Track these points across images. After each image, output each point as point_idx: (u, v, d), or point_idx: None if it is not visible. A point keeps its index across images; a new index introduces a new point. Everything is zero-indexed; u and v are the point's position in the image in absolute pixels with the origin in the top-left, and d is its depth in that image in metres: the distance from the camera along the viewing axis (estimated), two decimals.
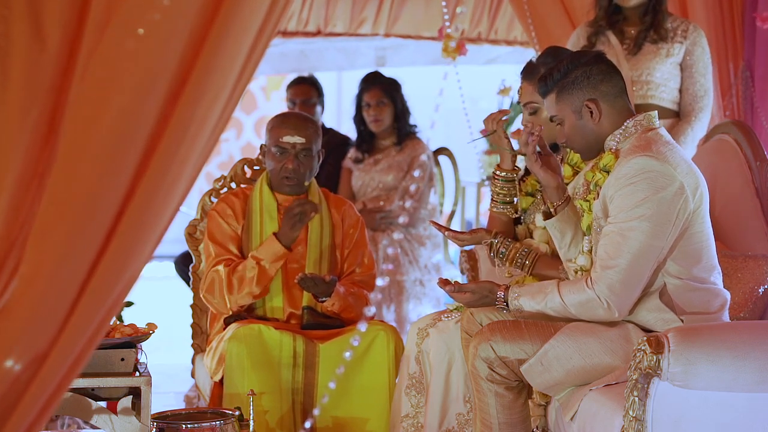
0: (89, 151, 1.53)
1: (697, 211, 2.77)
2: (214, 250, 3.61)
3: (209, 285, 3.58)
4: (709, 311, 2.80)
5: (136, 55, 1.52)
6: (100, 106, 1.54)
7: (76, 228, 1.56)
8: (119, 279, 1.64)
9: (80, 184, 1.54)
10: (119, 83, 1.54)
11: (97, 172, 1.55)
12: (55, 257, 1.56)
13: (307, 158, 3.63)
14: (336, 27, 6.16)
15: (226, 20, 1.60)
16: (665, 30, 4.11)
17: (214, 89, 1.63)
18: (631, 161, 2.73)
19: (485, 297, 2.91)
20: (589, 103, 2.84)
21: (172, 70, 1.56)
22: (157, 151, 1.60)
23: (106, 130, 1.54)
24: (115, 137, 1.55)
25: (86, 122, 1.54)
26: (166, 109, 1.58)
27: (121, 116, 1.55)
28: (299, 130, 3.61)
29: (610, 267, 2.72)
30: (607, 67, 2.86)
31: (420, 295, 5.18)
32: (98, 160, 1.55)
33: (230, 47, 1.62)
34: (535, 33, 4.88)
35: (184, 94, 1.59)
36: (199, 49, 1.58)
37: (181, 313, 4.22)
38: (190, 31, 1.55)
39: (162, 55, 1.55)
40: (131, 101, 1.55)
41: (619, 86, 2.86)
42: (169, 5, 1.51)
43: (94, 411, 2.89)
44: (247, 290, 3.51)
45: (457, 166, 5.82)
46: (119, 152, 1.56)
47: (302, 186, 3.67)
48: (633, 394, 2.51)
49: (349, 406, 3.45)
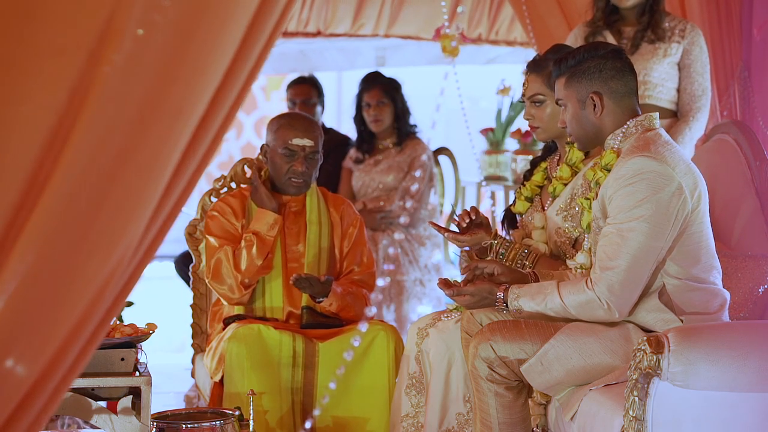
0: (92, 150, 1.53)
1: (696, 211, 2.77)
2: (217, 242, 3.62)
3: (215, 269, 3.57)
4: (709, 311, 2.80)
5: (135, 55, 1.53)
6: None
7: (77, 227, 1.56)
8: (121, 278, 1.64)
9: (83, 183, 1.54)
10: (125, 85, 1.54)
11: (101, 172, 1.54)
12: (56, 256, 1.56)
13: (314, 160, 3.67)
14: (337, 28, 6.16)
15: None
16: (662, 30, 4.11)
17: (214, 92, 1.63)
18: (630, 162, 2.73)
19: (485, 298, 2.91)
20: (594, 96, 2.84)
21: (173, 71, 1.56)
22: (162, 152, 1.60)
23: (115, 131, 1.54)
24: (120, 139, 1.55)
25: (93, 123, 1.54)
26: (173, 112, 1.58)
27: (136, 115, 1.55)
28: (308, 132, 3.64)
29: (610, 268, 2.72)
30: (622, 65, 2.86)
31: (420, 295, 5.18)
32: (102, 160, 1.55)
33: (234, 48, 1.62)
34: (535, 33, 4.88)
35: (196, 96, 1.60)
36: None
37: (181, 313, 4.22)
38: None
39: (163, 55, 1.55)
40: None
41: (629, 86, 2.85)
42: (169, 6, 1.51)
43: (94, 411, 2.89)
44: (250, 262, 3.52)
45: (457, 166, 5.82)
46: (124, 153, 1.56)
47: (308, 187, 3.70)
48: (633, 394, 2.51)
49: (349, 405, 3.45)
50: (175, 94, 1.58)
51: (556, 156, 3.38)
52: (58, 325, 1.59)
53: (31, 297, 1.55)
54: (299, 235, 3.68)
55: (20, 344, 1.56)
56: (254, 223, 3.59)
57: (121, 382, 2.88)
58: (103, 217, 1.58)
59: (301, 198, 3.72)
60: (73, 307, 1.59)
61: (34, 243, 1.53)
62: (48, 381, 1.60)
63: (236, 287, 3.54)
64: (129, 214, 1.61)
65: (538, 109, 3.24)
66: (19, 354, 1.56)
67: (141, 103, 1.55)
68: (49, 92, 1.49)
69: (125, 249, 1.61)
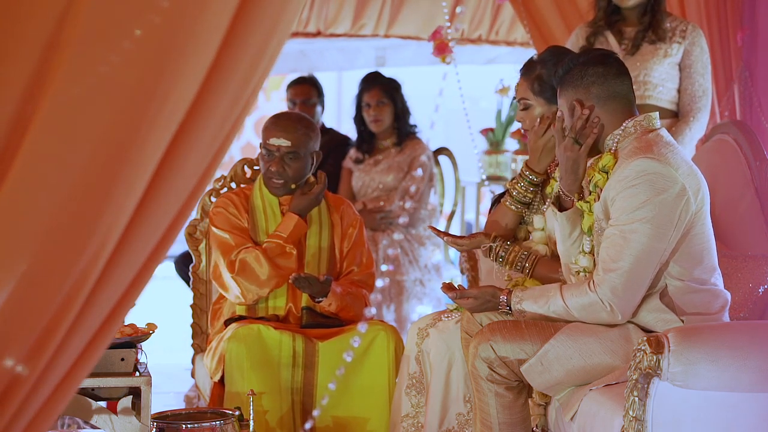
0: (94, 150, 1.53)
1: (699, 212, 2.77)
2: (233, 238, 3.58)
3: (241, 267, 3.53)
4: (710, 312, 2.80)
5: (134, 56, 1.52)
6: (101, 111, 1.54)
7: (78, 226, 1.56)
8: (125, 280, 1.64)
9: (84, 183, 1.54)
10: (117, 86, 1.54)
11: (103, 171, 1.54)
12: (56, 256, 1.56)
13: (294, 161, 3.61)
14: (337, 28, 6.16)
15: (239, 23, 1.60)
16: (663, 30, 4.11)
17: (226, 95, 1.63)
18: (633, 163, 2.73)
19: (488, 302, 2.92)
20: (575, 103, 2.85)
21: (175, 71, 1.56)
22: (164, 153, 1.60)
23: (112, 131, 1.54)
24: (122, 139, 1.55)
25: (86, 124, 1.54)
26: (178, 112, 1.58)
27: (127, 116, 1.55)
28: (287, 132, 3.60)
29: (613, 270, 2.72)
30: (605, 69, 2.85)
31: (420, 295, 5.18)
32: (103, 159, 1.54)
33: (245, 49, 1.62)
34: (536, 33, 4.88)
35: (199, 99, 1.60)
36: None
37: (181, 313, 4.22)
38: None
39: (163, 56, 1.55)
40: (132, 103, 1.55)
41: (613, 89, 2.83)
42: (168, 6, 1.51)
43: (94, 411, 2.89)
44: (283, 262, 3.54)
45: (457, 166, 5.82)
46: (127, 153, 1.56)
47: (288, 188, 3.65)
48: (633, 394, 2.51)
49: (349, 406, 3.45)
50: (174, 94, 1.57)
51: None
52: (61, 326, 1.59)
53: (31, 298, 1.55)
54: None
55: (19, 343, 1.56)
56: (281, 227, 3.57)
57: (121, 382, 2.88)
58: (101, 217, 1.58)
59: None
60: (76, 308, 1.59)
61: (34, 241, 1.53)
62: (49, 381, 1.60)
63: (261, 286, 3.55)
64: (129, 215, 1.61)
65: (526, 113, 3.23)
66: (19, 353, 1.56)
67: (139, 103, 1.55)
68: (41, 92, 1.49)
69: (126, 251, 1.61)
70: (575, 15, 4.69)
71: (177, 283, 5.51)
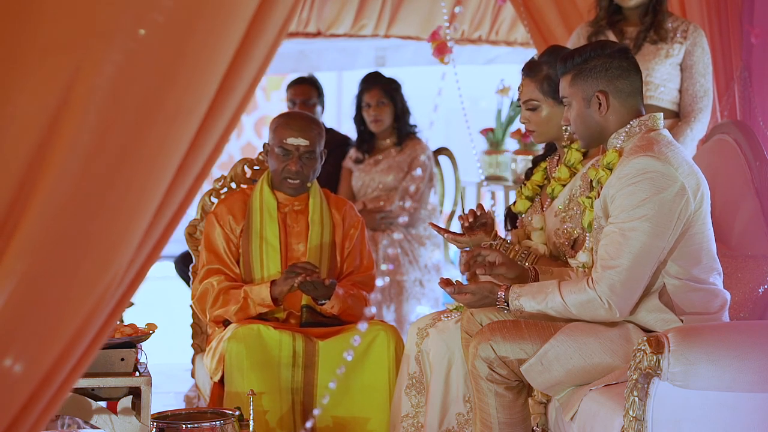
0: (92, 150, 1.53)
1: (698, 212, 2.77)
2: (206, 257, 3.65)
3: (201, 295, 3.62)
4: (709, 311, 2.80)
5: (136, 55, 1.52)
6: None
7: (79, 226, 1.56)
8: (124, 279, 1.64)
9: (84, 183, 1.54)
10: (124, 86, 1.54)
11: (100, 172, 1.54)
12: (56, 255, 1.55)
13: (311, 160, 3.65)
14: (337, 28, 6.16)
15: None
16: (665, 30, 4.11)
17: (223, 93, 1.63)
18: (633, 161, 2.73)
19: (486, 297, 2.91)
20: (599, 95, 2.83)
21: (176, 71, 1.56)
22: (164, 152, 1.60)
23: (116, 131, 1.54)
24: (124, 139, 1.55)
25: (96, 124, 1.54)
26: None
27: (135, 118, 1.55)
28: (304, 132, 3.63)
29: (611, 267, 2.72)
30: (628, 64, 2.85)
31: (420, 295, 5.18)
32: (103, 160, 1.54)
33: (235, 48, 1.62)
34: (536, 33, 4.88)
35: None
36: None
37: (181, 313, 4.22)
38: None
39: (164, 55, 1.55)
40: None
41: (635, 86, 2.85)
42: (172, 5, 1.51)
43: (94, 411, 2.89)
44: (224, 313, 3.57)
45: (457, 166, 5.83)
46: (126, 154, 1.55)
47: (305, 187, 3.69)
48: (633, 394, 2.51)
49: (350, 405, 3.45)
50: (175, 94, 1.57)
51: (555, 156, 3.38)
52: (62, 326, 1.59)
53: (30, 298, 1.55)
54: (301, 235, 3.68)
55: (22, 345, 1.56)
56: (254, 288, 3.56)
57: (121, 382, 2.89)
58: (102, 217, 1.58)
59: (304, 197, 3.72)
60: (77, 309, 1.59)
61: (30, 245, 1.53)
62: (51, 382, 1.60)
63: (207, 318, 3.65)
64: (129, 215, 1.61)
65: (533, 114, 3.24)
66: (21, 354, 1.56)
67: (141, 103, 1.55)
68: (45, 91, 1.49)
69: (126, 251, 1.61)
70: (575, 15, 4.70)
71: (177, 283, 5.52)
